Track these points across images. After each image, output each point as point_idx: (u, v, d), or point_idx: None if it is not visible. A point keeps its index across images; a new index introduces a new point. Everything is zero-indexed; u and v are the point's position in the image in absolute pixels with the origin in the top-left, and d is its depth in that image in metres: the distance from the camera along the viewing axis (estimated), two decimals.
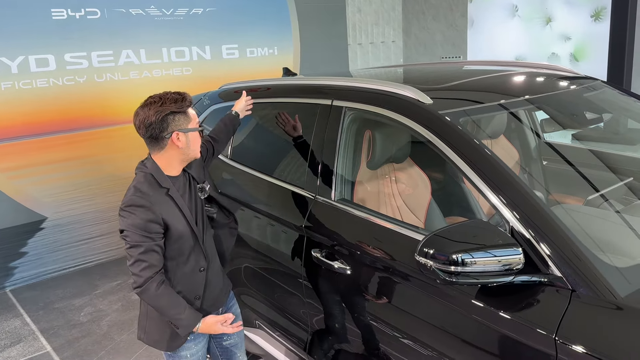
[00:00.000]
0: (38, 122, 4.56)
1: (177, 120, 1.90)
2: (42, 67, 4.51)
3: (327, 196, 2.29)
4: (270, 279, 2.60)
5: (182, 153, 1.94)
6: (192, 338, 2.04)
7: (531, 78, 2.50)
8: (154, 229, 1.85)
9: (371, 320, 2.00)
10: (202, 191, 2.07)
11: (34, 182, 4.64)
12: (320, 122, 2.41)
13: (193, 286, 2.01)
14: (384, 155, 2.48)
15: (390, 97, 2.13)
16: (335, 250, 2.15)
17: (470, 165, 1.77)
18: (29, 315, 4.13)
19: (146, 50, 5.08)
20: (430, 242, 1.57)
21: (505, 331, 1.53)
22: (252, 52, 5.84)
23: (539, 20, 6.49)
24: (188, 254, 1.97)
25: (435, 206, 2.62)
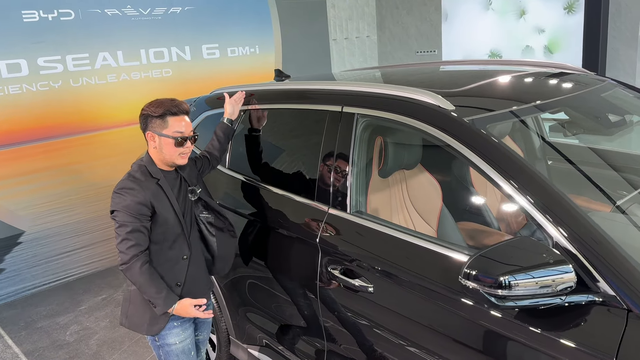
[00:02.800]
0: (11, 131, 4.29)
1: (153, 122, 2.11)
2: (14, 72, 4.24)
3: (342, 208, 2.16)
4: (279, 296, 2.47)
5: (158, 153, 2.14)
6: (178, 324, 2.19)
7: (548, 79, 2.42)
8: (141, 211, 2.04)
9: (400, 343, 1.89)
10: (193, 193, 2.24)
11: (8, 195, 4.38)
12: (330, 130, 2.28)
13: (175, 272, 2.16)
14: (396, 162, 2.38)
15: (408, 103, 2.02)
16: (355, 267, 2.03)
17: (507, 178, 1.67)
18: (10, 336, 3.90)
19: (124, 52, 4.85)
20: (476, 263, 1.47)
21: (556, 355, 1.44)
22: (233, 51, 5.66)
23: (513, 13, 6.50)
24: (172, 241, 2.14)
25: (447, 212, 2.54)
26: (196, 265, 2.26)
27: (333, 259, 2.12)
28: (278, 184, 2.54)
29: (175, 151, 2.12)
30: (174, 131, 2.10)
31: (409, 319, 1.85)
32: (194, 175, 2.32)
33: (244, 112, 2.79)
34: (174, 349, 2.22)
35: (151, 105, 2.12)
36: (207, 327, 2.48)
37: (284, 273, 2.41)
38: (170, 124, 2.10)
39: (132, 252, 2.01)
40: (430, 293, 1.77)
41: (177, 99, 2.16)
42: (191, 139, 2.16)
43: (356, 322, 2.06)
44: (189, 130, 2.15)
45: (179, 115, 2.12)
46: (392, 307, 1.91)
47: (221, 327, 2.87)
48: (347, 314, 2.09)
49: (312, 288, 2.22)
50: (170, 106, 2.10)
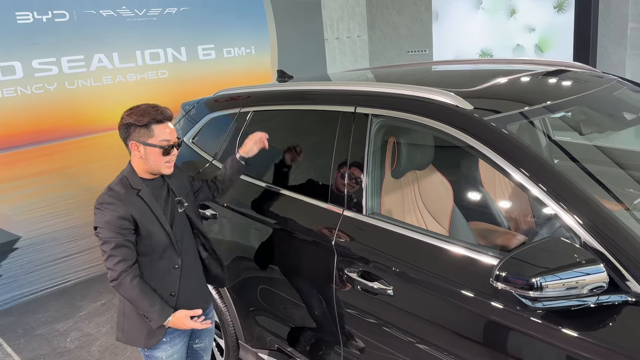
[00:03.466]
0: (6, 135, 4.21)
1: (137, 131, 2.02)
2: (8, 75, 4.16)
3: (358, 210, 2.14)
4: (292, 299, 2.44)
5: (143, 163, 2.06)
6: (167, 340, 2.13)
7: (561, 78, 2.42)
8: (123, 225, 1.97)
9: (422, 347, 1.87)
10: (180, 204, 2.17)
11: (4, 200, 4.29)
12: (343, 131, 2.26)
13: (168, 283, 2.11)
14: (408, 163, 2.36)
15: (425, 103, 2.00)
16: (373, 269, 2.01)
17: (535, 180, 1.66)
18: (9, 344, 3.82)
19: (119, 54, 4.78)
20: (507, 265, 1.45)
21: (590, 357, 1.42)
22: (229, 52, 5.61)
23: (503, 12, 6.54)
24: (161, 251, 2.08)
25: (458, 212, 2.53)
26: (191, 273, 2.20)
27: (350, 262, 2.10)
28: (288, 186, 2.51)
29: (162, 159, 2.06)
30: (160, 140, 2.03)
31: (432, 322, 1.83)
32: (184, 190, 2.23)
33: (254, 113, 2.76)
34: None
35: (133, 113, 2.01)
36: (209, 334, 2.42)
37: (297, 276, 2.38)
38: (156, 132, 2.02)
39: (120, 268, 1.96)
40: (455, 295, 1.75)
41: (158, 104, 2.06)
42: (177, 145, 2.10)
43: (375, 325, 2.04)
44: (174, 136, 2.08)
45: (164, 122, 2.04)
46: (414, 310, 1.90)
47: (229, 331, 2.84)
48: (365, 317, 2.07)
49: (328, 291, 2.19)
50: (155, 114, 2.01)
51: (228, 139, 2.85)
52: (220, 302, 2.85)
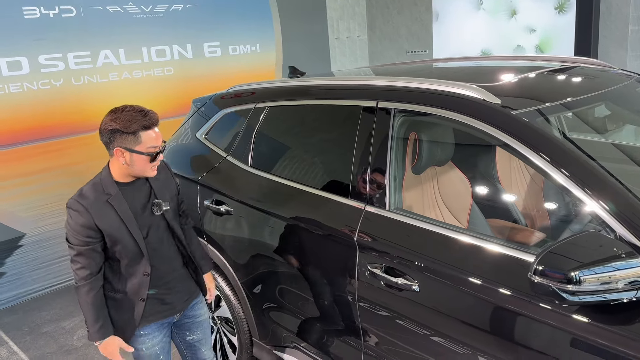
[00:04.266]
0: (12, 131, 4.17)
1: (123, 138, 1.94)
2: (15, 70, 4.12)
3: (380, 205, 2.12)
4: (310, 295, 2.42)
5: (127, 168, 2.00)
6: (146, 333, 2.15)
7: (584, 73, 2.41)
8: (86, 234, 1.95)
9: (449, 346, 1.85)
10: (157, 207, 2.10)
11: (9, 197, 4.25)
12: (364, 126, 2.24)
13: (137, 289, 2.08)
14: (429, 158, 2.35)
15: (451, 97, 1.99)
16: (397, 265, 1.99)
17: (563, 171, 1.65)
18: (14, 342, 3.78)
19: (125, 50, 4.75)
20: (545, 259, 1.44)
21: (632, 353, 1.41)
22: (234, 49, 5.59)
23: (504, 13, 6.55)
24: (130, 259, 2.05)
25: (477, 209, 2.52)
26: (169, 275, 2.17)
27: (373, 257, 2.08)
28: (307, 182, 2.49)
29: (148, 166, 2.01)
30: (148, 147, 1.96)
31: (460, 319, 1.82)
32: (169, 192, 2.19)
33: (270, 108, 2.74)
34: (141, 354, 2.19)
35: (118, 119, 1.92)
36: (200, 326, 2.36)
37: (317, 272, 2.35)
38: (143, 139, 1.95)
39: (80, 275, 1.98)
40: (487, 292, 1.73)
41: (145, 108, 1.98)
42: (162, 150, 2.04)
43: (398, 322, 2.02)
44: (160, 141, 2.02)
45: (152, 128, 1.97)
46: (440, 306, 1.88)
47: (243, 328, 2.81)
48: (389, 313, 2.05)
49: (349, 287, 2.17)
50: (143, 121, 1.93)
51: (243, 134, 2.83)
52: (234, 299, 2.82)
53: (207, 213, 2.84)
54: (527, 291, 1.60)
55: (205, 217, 2.86)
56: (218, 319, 3.04)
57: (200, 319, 2.35)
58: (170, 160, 3.27)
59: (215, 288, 2.91)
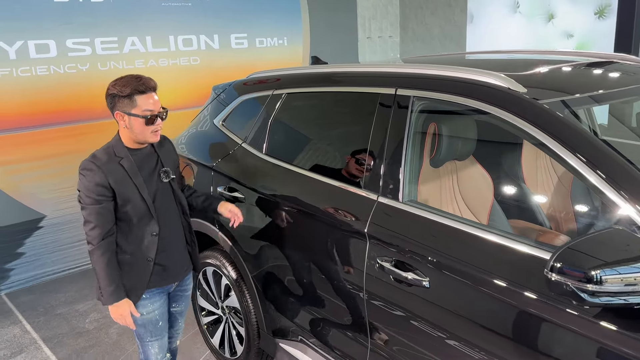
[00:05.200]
0: (38, 113, 4.21)
1: (120, 102, 2.07)
2: (42, 53, 4.16)
3: (394, 197, 2.03)
4: (318, 288, 2.34)
5: (129, 132, 2.12)
6: (148, 297, 2.24)
7: (618, 67, 2.27)
8: (100, 192, 2.05)
9: (458, 346, 1.75)
10: (166, 175, 2.23)
11: (32, 178, 4.29)
12: (381, 114, 2.15)
13: (145, 249, 2.18)
14: (449, 152, 2.24)
15: (473, 85, 1.88)
16: (408, 259, 1.89)
17: (590, 165, 1.53)
18: (28, 321, 3.80)
19: (152, 38, 4.76)
20: (563, 256, 1.33)
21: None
22: (261, 42, 5.55)
23: (541, 17, 6.35)
24: (139, 218, 2.15)
25: (498, 208, 2.40)
26: (172, 242, 2.28)
27: (383, 250, 1.98)
28: (320, 171, 2.41)
29: (147, 129, 2.11)
30: (143, 110, 2.08)
31: (472, 319, 1.71)
32: (173, 163, 2.31)
33: (287, 95, 2.67)
34: (140, 319, 2.26)
35: (117, 84, 2.08)
36: (185, 300, 2.51)
37: (325, 264, 2.27)
38: (138, 102, 2.07)
39: (94, 234, 2.06)
40: (499, 291, 1.62)
41: (143, 75, 2.11)
42: (161, 115, 2.14)
43: (406, 318, 1.92)
44: (158, 107, 2.12)
45: (147, 92, 2.08)
46: (451, 305, 1.77)
47: (251, 319, 2.74)
48: (397, 309, 1.95)
49: (357, 281, 2.08)
50: (137, 85, 2.06)
51: (259, 121, 2.77)
52: (245, 290, 2.76)
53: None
54: (545, 292, 1.48)
55: None
56: (227, 308, 2.98)
57: (187, 292, 2.49)
58: (188, 146, 3.24)
59: (225, 277, 2.86)
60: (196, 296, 3.22)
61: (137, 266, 2.18)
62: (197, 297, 3.22)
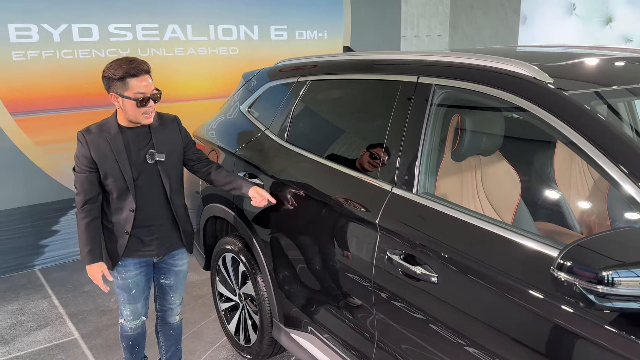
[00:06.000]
0: (78, 95, 4.33)
1: (114, 84, 2.15)
2: (85, 37, 4.28)
3: (408, 188, 1.95)
4: (328, 279, 2.28)
5: (123, 112, 2.22)
6: (122, 264, 2.38)
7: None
8: (84, 162, 2.23)
9: (463, 346, 1.66)
10: (150, 156, 2.29)
11: (70, 158, 4.38)
12: (401, 103, 2.07)
13: (123, 222, 2.32)
14: (472, 145, 2.13)
15: (498, 74, 1.78)
16: (418, 253, 1.81)
17: (614, 161, 1.41)
18: (57, 297, 3.91)
19: (193, 26, 4.81)
20: (572, 253, 1.22)
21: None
22: (301, 34, 5.53)
23: (598, 19, 6.05)
24: (118, 193, 2.27)
25: (525, 209, 2.27)
26: (153, 220, 2.36)
27: (393, 243, 1.91)
28: (337, 159, 2.35)
29: (138, 111, 2.19)
30: (135, 92, 2.15)
31: (478, 320, 1.61)
32: (169, 145, 2.35)
33: (311, 82, 2.62)
34: (115, 282, 2.43)
35: (111, 67, 2.15)
36: (174, 274, 2.55)
37: (338, 254, 2.21)
38: (130, 85, 2.14)
39: (77, 200, 2.28)
40: (508, 290, 1.52)
41: (137, 58, 2.18)
42: (153, 97, 2.20)
43: (413, 315, 1.84)
44: (151, 89, 2.19)
45: (139, 76, 2.14)
46: (458, 303, 1.68)
47: (265, 308, 2.71)
48: (403, 304, 1.87)
49: (367, 273, 2.01)
50: (129, 68, 2.12)
51: (282, 108, 2.73)
52: (260, 278, 2.74)
53: None
54: (551, 291, 1.38)
55: None
56: (244, 295, 2.96)
57: (177, 268, 2.54)
58: (217, 132, 3.25)
59: (242, 264, 2.84)
60: (215, 282, 3.23)
61: (115, 236, 2.33)
62: (216, 283, 3.22)
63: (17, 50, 3.99)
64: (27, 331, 3.44)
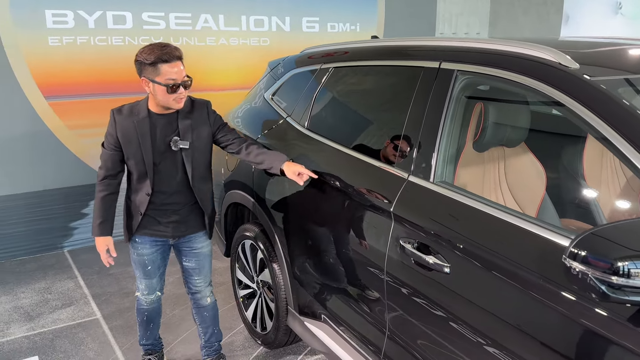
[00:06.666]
0: (111, 81, 4.41)
1: (145, 69, 2.17)
2: (119, 24, 4.35)
3: (425, 177, 1.89)
4: (342, 268, 2.25)
5: (153, 97, 2.24)
6: (139, 241, 2.46)
7: None
8: (110, 141, 2.31)
9: (473, 338, 1.60)
10: (174, 144, 2.30)
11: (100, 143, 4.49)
12: (422, 89, 2.01)
13: (139, 203, 2.38)
14: (496, 135, 2.06)
15: (521, 59, 1.71)
16: (431, 242, 1.76)
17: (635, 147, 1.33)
18: (83, 278, 4.00)
19: (225, 17, 4.84)
20: (586, 242, 1.15)
21: None
22: (333, 27, 5.48)
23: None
24: (137, 176, 2.34)
25: (550, 204, 2.18)
26: (171, 205, 2.39)
27: (407, 232, 1.86)
28: (354, 146, 2.31)
29: (168, 97, 2.20)
30: (166, 78, 2.16)
31: (490, 313, 1.55)
32: (194, 134, 2.34)
33: (334, 69, 2.59)
34: (132, 257, 2.53)
35: (144, 52, 2.16)
36: (197, 258, 2.57)
37: (352, 243, 2.17)
38: (162, 71, 2.15)
39: (99, 173, 2.37)
40: (524, 283, 1.45)
41: (169, 44, 2.19)
42: (184, 84, 2.21)
43: (423, 306, 1.79)
44: (182, 76, 2.20)
45: (171, 62, 2.15)
46: (470, 295, 1.62)
47: (281, 295, 2.70)
48: (414, 296, 1.82)
49: (380, 262, 1.97)
50: (161, 54, 2.13)
51: (305, 96, 2.71)
52: (276, 265, 2.72)
53: (259, 172, 2.76)
54: (563, 282, 1.30)
55: (256, 176, 2.78)
56: (261, 283, 2.96)
57: (197, 251, 2.56)
58: (242, 120, 3.25)
59: (260, 251, 2.83)
60: (234, 269, 3.23)
61: (132, 213, 2.41)
62: (235, 270, 3.22)
63: (53, 35, 4.09)
64: (52, 309, 3.52)
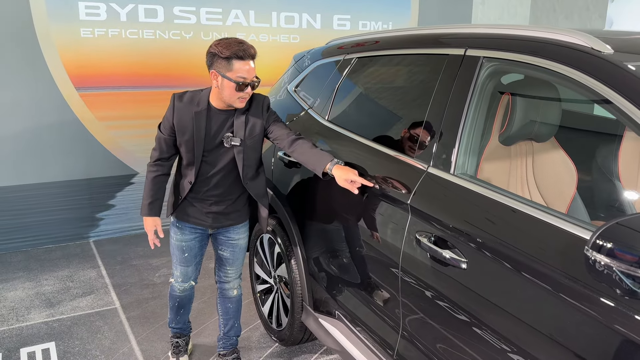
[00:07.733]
0: (141, 74, 4.44)
1: (218, 62, 2.13)
2: (150, 18, 4.38)
3: (445, 169, 1.80)
4: (356, 263, 2.17)
5: (219, 92, 2.20)
6: (179, 226, 2.47)
7: None
8: (166, 125, 2.30)
9: (490, 339, 1.49)
10: (226, 140, 2.28)
11: (130, 135, 4.54)
12: (446, 77, 1.92)
13: (181, 189, 2.39)
14: (524, 129, 1.95)
15: (551, 44, 1.60)
16: (449, 236, 1.66)
17: None
18: (105, 268, 4.02)
19: (256, 12, 4.82)
20: (612, 233, 1.05)
21: None
22: (364, 25, 5.41)
23: None
24: (186, 163, 2.34)
25: (581, 204, 2.06)
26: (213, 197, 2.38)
27: (424, 225, 1.76)
28: (376, 138, 2.23)
29: (235, 95, 2.16)
30: (237, 75, 2.12)
31: (504, 310, 1.45)
32: (246, 131, 2.29)
33: (357, 60, 2.52)
34: (171, 242, 2.54)
35: (220, 44, 2.12)
36: (232, 248, 2.54)
37: (367, 236, 2.09)
38: (235, 67, 2.11)
39: (152, 155, 2.37)
40: (543, 277, 1.35)
41: (245, 41, 2.15)
42: (252, 84, 2.17)
43: (438, 303, 1.69)
44: (252, 75, 2.16)
45: (245, 59, 2.12)
46: (488, 292, 1.52)
47: (296, 290, 2.63)
48: (429, 292, 1.73)
49: (395, 258, 1.88)
50: (237, 50, 2.10)
51: (327, 87, 2.64)
52: (293, 260, 2.66)
53: (279, 165, 2.70)
54: (585, 277, 1.19)
55: (276, 169, 2.73)
56: (278, 278, 2.90)
57: (233, 242, 2.54)
58: None
59: (278, 245, 2.78)
60: (253, 263, 3.18)
61: (176, 193, 2.43)
62: (253, 264, 3.18)
63: (86, 27, 4.15)
64: (72, 297, 3.55)
